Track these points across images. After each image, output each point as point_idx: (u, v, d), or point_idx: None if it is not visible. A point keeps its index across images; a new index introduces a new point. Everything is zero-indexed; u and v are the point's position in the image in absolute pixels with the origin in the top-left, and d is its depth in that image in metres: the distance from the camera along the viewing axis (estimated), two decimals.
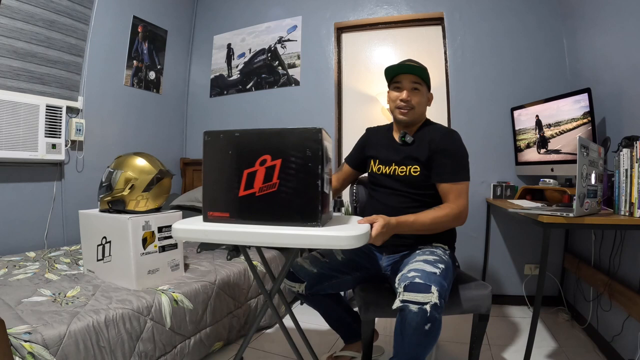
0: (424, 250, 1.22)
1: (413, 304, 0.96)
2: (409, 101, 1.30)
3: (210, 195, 1.02)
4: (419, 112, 1.33)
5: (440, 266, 1.08)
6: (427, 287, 0.97)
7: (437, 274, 1.03)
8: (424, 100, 1.34)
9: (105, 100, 2.46)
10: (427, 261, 1.10)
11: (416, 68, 1.30)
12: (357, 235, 0.91)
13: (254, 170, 0.97)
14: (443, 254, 1.21)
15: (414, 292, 0.97)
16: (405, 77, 1.31)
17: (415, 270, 1.03)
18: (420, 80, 1.31)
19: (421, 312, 0.94)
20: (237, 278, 1.77)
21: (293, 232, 0.92)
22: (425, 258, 1.12)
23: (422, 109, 1.35)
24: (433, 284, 0.98)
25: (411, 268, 1.05)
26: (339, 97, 2.74)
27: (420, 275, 1.00)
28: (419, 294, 0.96)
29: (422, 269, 1.04)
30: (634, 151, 1.27)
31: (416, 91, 1.31)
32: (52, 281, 1.46)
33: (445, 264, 1.12)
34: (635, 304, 1.39)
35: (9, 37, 1.91)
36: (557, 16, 2.26)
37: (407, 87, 1.31)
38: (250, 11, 2.97)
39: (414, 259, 1.15)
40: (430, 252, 1.19)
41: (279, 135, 0.97)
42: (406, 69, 1.30)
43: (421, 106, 1.33)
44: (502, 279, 2.33)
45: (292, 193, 0.95)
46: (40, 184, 2.11)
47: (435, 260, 1.11)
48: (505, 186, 2.26)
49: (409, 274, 1.02)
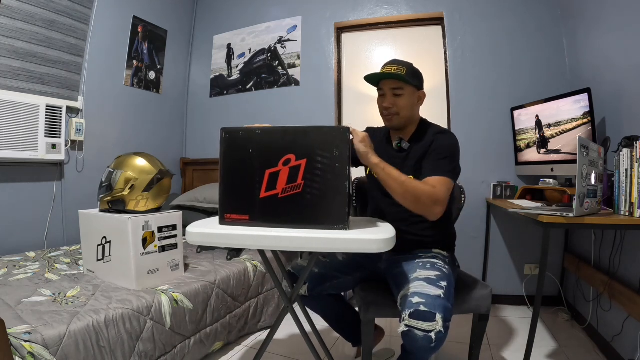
0: (424, 262, 1.19)
1: (418, 330, 0.96)
2: (391, 108, 1.27)
3: (227, 196, 0.96)
4: (405, 116, 1.29)
5: (442, 284, 1.07)
6: (432, 315, 0.96)
7: (441, 297, 1.02)
8: (411, 103, 1.28)
9: (105, 100, 2.46)
10: (429, 280, 1.08)
11: (393, 74, 1.24)
12: (387, 239, 0.87)
13: (276, 170, 0.92)
14: (443, 265, 1.19)
15: (419, 320, 0.97)
16: (385, 84, 1.27)
17: (420, 295, 1.01)
18: (401, 84, 1.26)
19: (427, 338, 0.96)
20: (237, 278, 1.77)
21: (322, 236, 0.87)
22: (428, 275, 1.10)
23: (408, 112, 1.29)
24: (437, 311, 0.97)
25: (414, 291, 1.04)
26: (339, 97, 2.74)
27: (424, 303, 0.99)
28: (425, 322, 0.96)
29: (427, 293, 1.02)
30: (634, 151, 1.27)
31: (399, 96, 1.26)
32: (52, 281, 1.46)
33: (447, 279, 1.11)
34: (635, 304, 1.39)
35: (9, 37, 1.91)
36: (557, 16, 2.26)
37: (388, 94, 1.27)
38: (250, 11, 2.97)
39: (415, 272, 1.13)
40: (431, 265, 1.17)
41: (304, 134, 0.92)
42: (384, 76, 1.26)
43: (407, 110, 1.28)
44: (502, 279, 2.33)
45: (318, 195, 0.91)
46: (40, 184, 2.11)
47: (437, 277, 1.10)
48: (505, 186, 2.26)
49: (413, 300, 1.00)
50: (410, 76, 1.26)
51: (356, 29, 2.73)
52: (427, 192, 1.11)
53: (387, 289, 1.27)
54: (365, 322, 1.25)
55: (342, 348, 1.71)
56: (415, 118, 1.34)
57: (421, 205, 1.11)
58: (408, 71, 1.25)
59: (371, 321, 1.25)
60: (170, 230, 1.56)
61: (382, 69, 1.28)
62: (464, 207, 1.55)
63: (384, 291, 1.26)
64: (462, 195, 1.55)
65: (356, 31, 2.74)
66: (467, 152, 2.41)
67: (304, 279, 1.11)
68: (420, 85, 1.31)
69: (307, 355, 1.24)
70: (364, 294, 1.27)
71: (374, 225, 1.05)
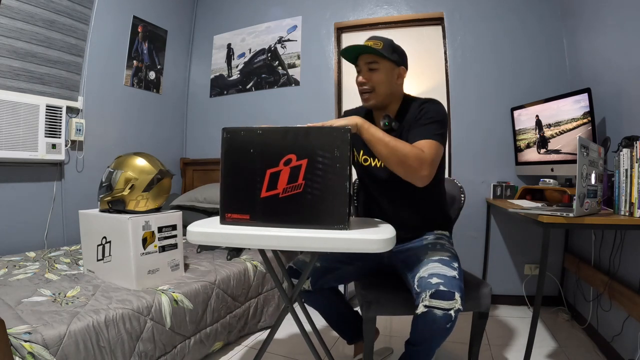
0: (433, 244, 1.22)
1: (438, 309, 0.99)
2: (366, 83, 1.21)
3: (228, 196, 0.97)
4: (382, 93, 1.22)
5: (455, 266, 1.10)
6: (452, 294, 0.99)
7: (456, 278, 1.04)
8: (388, 78, 1.21)
9: (105, 100, 2.46)
10: (443, 261, 1.10)
11: (367, 47, 1.17)
12: (387, 239, 0.88)
13: (277, 170, 0.93)
14: (450, 246, 1.23)
15: (439, 299, 0.99)
16: (361, 58, 1.22)
17: (437, 275, 1.03)
18: (376, 58, 1.19)
19: (446, 317, 0.99)
20: (237, 278, 1.77)
21: (323, 236, 0.87)
22: (441, 257, 1.12)
23: (386, 88, 1.22)
24: (456, 290, 1.00)
25: (432, 272, 1.05)
26: (339, 97, 2.74)
27: (443, 283, 1.01)
28: (445, 301, 0.99)
29: (444, 274, 1.04)
30: (634, 151, 1.27)
31: (374, 71, 1.20)
32: (52, 281, 1.46)
33: (457, 260, 1.15)
34: (635, 304, 1.39)
35: (9, 37, 1.91)
36: (557, 16, 2.26)
37: (363, 69, 1.21)
38: (250, 11, 2.97)
39: (427, 255, 1.14)
40: (440, 246, 1.20)
41: (305, 134, 0.93)
42: (358, 49, 1.19)
43: (384, 85, 1.21)
44: (502, 279, 2.33)
45: (318, 195, 0.91)
46: (40, 184, 2.11)
47: (449, 258, 1.13)
48: (505, 186, 2.26)
49: (432, 280, 1.02)
50: (388, 50, 1.20)
51: (356, 29, 2.73)
52: (413, 153, 1.06)
53: (388, 285, 1.27)
54: (366, 320, 1.24)
55: (342, 348, 1.71)
56: (397, 95, 1.28)
57: (407, 167, 1.06)
58: (385, 45, 1.20)
59: (372, 319, 1.25)
60: (170, 230, 1.56)
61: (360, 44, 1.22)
62: (464, 207, 1.55)
63: (384, 289, 1.26)
64: (462, 195, 1.55)
65: (356, 31, 2.73)
66: (467, 152, 2.44)
67: (305, 275, 1.11)
68: (400, 61, 1.24)
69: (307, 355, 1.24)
70: (364, 292, 1.26)
71: (374, 225, 1.05)
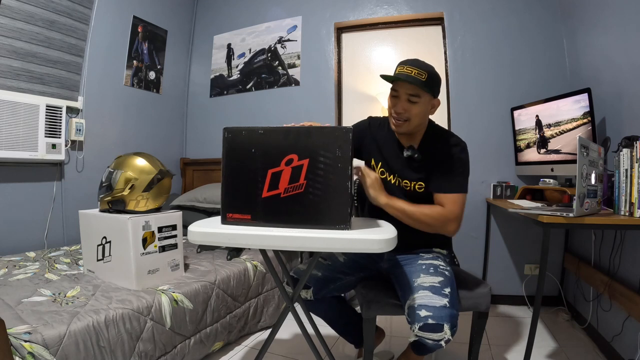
0: (427, 265, 1.19)
1: (428, 339, 1.03)
2: (402, 114, 1.19)
3: (230, 195, 0.96)
4: (415, 124, 1.22)
5: (447, 292, 1.08)
6: (440, 326, 1.01)
7: (446, 306, 1.04)
8: (424, 110, 1.21)
9: (105, 100, 2.46)
10: (434, 289, 1.09)
11: (413, 78, 1.14)
12: (388, 239, 0.88)
13: (279, 170, 0.92)
14: (445, 266, 1.21)
15: (428, 332, 1.02)
16: (401, 86, 1.18)
17: (426, 307, 1.03)
18: (419, 91, 1.16)
19: (436, 345, 1.04)
20: (237, 278, 1.77)
21: (324, 236, 0.87)
22: (432, 283, 1.11)
23: (419, 120, 1.22)
24: (445, 321, 1.01)
25: (420, 303, 1.05)
26: (339, 97, 2.74)
27: (432, 315, 1.02)
28: (434, 333, 1.01)
29: (433, 305, 1.04)
30: (634, 151, 1.27)
31: (414, 103, 1.18)
32: (52, 281, 1.46)
33: (450, 283, 1.13)
34: (635, 304, 1.39)
35: (9, 37, 1.91)
36: (557, 16, 2.26)
37: (402, 99, 1.19)
38: (250, 11, 2.97)
39: (418, 278, 1.15)
40: (434, 268, 1.18)
41: (306, 134, 0.92)
42: (403, 78, 1.15)
43: (419, 117, 1.21)
44: (502, 279, 2.33)
45: (320, 195, 0.91)
46: (40, 184, 2.11)
47: (441, 283, 1.11)
48: (505, 186, 2.26)
49: (421, 313, 1.03)
50: (430, 83, 1.17)
51: (356, 29, 2.73)
52: (435, 216, 1.17)
53: (388, 286, 1.27)
54: (366, 320, 1.25)
55: (342, 348, 1.71)
56: (423, 125, 1.28)
57: (434, 228, 1.19)
58: (429, 77, 1.16)
59: (372, 319, 1.25)
60: (170, 230, 1.56)
61: (401, 68, 1.18)
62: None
63: (385, 289, 1.26)
64: None
65: (356, 31, 2.74)
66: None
67: (304, 281, 1.12)
68: (436, 93, 1.22)
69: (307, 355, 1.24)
70: (364, 292, 1.27)
71: (376, 225, 1.05)
